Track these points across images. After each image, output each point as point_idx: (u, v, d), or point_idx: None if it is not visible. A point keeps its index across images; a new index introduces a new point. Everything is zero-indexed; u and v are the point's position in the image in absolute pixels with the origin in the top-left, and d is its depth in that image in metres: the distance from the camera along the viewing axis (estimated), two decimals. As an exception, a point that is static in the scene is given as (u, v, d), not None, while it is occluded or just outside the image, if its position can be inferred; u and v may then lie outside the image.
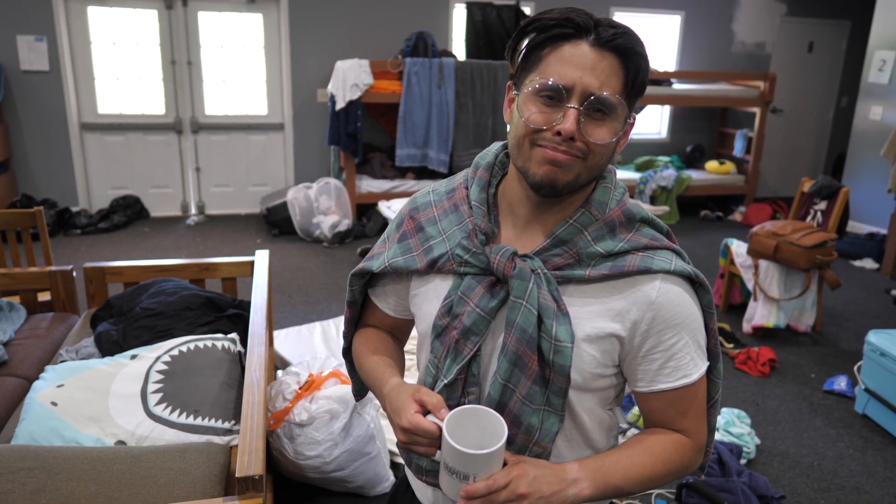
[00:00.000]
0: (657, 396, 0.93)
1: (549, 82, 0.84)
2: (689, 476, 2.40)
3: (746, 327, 3.85)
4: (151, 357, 2.01)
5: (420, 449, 0.88)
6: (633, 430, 2.74)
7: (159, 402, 1.85)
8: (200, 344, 2.09)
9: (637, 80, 0.87)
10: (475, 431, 0.85)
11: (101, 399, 1.83)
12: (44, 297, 2.82)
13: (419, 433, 0.85)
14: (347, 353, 1.16)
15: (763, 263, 3.81)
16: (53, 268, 2.73)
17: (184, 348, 2.06)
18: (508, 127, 0.93)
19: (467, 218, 0.95)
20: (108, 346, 2.23)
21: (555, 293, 0.88)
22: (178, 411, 1.83)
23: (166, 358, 2.00)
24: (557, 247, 0.90)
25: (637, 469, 0.90)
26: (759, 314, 3.78)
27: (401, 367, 1.06)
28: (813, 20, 7.35)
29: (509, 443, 0.90)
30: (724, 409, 2.85)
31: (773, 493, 2.36)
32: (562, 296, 0.89)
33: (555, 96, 0.84)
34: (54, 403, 1.80)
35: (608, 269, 0.88)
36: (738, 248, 4.05)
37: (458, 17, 6.38)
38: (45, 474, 1.48)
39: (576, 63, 0.83)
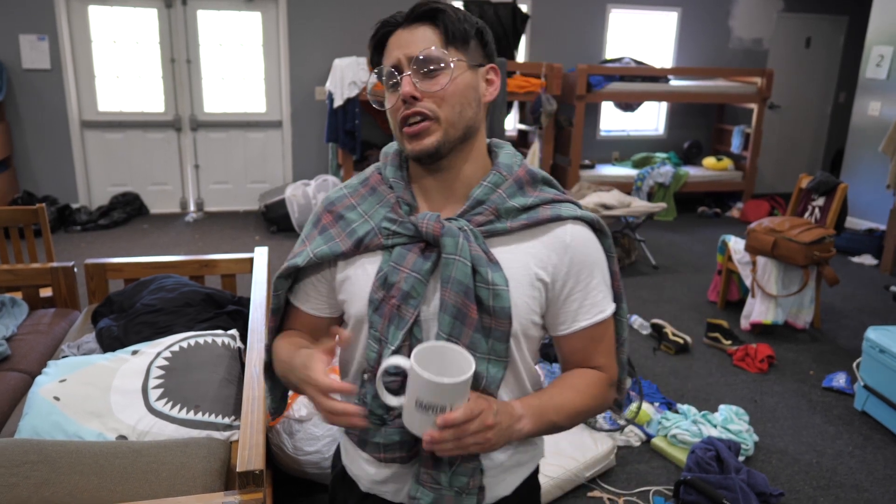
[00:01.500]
0: (577, 335, 1.02)
1: (384, 69, 0.96)
2: (686, 474, 2.42)
3: (744, 324, 3.85)
4: (152, 353, 2.03)
5: (346, 419, 0.88)
6: (632, 427, 2.77)
7: (160, 398, 1.87)
8: (200, 340, 2.11)
9: (451, 29, 0.95)
10: (440, 366, 0.88)
11: (102, 394, 1.85)
12: (45, 292, 2.85)
13: (323, 389, 0.88)
14: (269, 368, 1.13)
15: (761, 260, 3.81)
16: (55, 264, 2.75)
17: (184, 344, 2.08)
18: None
19: (387, 195, 1.02)
20: (110, 342, 2.25)
21: (483, 246, 0.95)
22: (178, 406, 1.85)
23: (167, 354, 2.02)
24: (477, 207, 0.98)
25: (568, 404, 1.00)
26: (757, 311, 3.78)
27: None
28: (810, 15, 7.35)
29: None
30: (721, 406, 2.85)
31: (772, 491, 2.36)
32: (489, 248, 0.96)
33: (395, 80, 0.95)
34: (57, 398, 1.82)
35: (525, 219, 0.98)
36: (736, 244, 4.05)
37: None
38: (49, 468, 1.50)
39: (396, 46, 0.96)
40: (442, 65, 0.94)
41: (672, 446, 2.67)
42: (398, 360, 0.89)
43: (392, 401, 0.91)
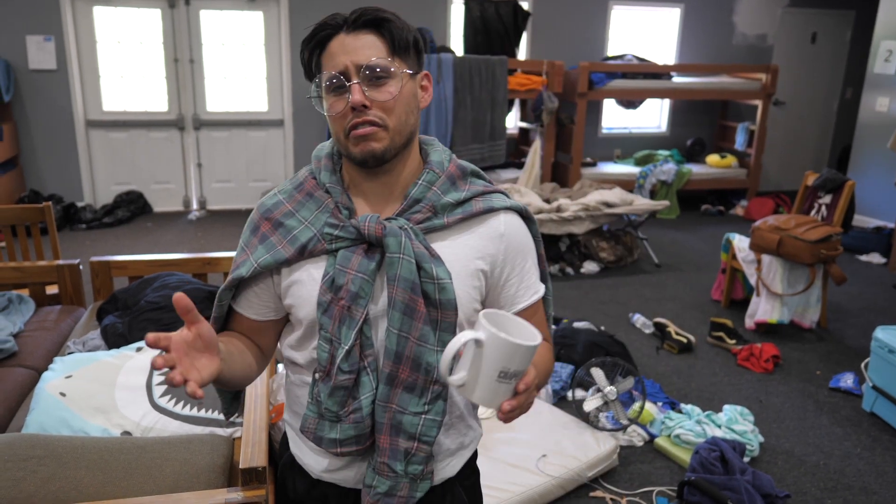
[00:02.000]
0: (519, 315, 1.03)
1: (329, 75, 0.97)
2: (690, 475, 2.42)
3: (749, 323, 3.83)
4: (156, 350, 2.04)
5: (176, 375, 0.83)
6: (635, 427, 2.77)
7: (164, 394, 1.88)
8: (204, 337, 2.12)
9: (397, 39, 0.99)
10: (509, 333, 0.85)
11: (107, 390, 1.87)
12: (52, 290, 2.87)
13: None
14: None
15: (766, 258, 3.78)
16: (61, 262, 2.77)
17: (188, 341, 2.09)
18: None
19: (325, 201, 1.04)
20: (114, 339, 2.26)
21: (424, 242, 0.99)
22: (182, 403, 1.87)
23: (171, 351, 2.04)
24: (414, 205, 1.02)
25: (546, 365, 1.08)
26: (762, 310, 3.75)
27: (243, 356, 1.06)
28: (816, 10, 7.31)
29: (411, 388, 0.99)
30: (726, 406, 2.84)
31: (778, 493, 2.34)
32: (430, 244, 1.01)
33: (339, 84, 0.97)
34: (63, 394, 1.84)
35: (460, 213, 1.03)
36: (741, 242, 4.02)
37: (457, 13, 6.38)
38: (55, 463, 1.52)
39: (341, 51, 0.97)
40: (389, 74, 0.97)
41: (675, 446, 2.66)
42: (472, 334, 0.84)
43: (456, 380, 0.86)
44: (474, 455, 1.20)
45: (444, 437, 1.09)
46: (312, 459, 1.11)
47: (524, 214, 1.10)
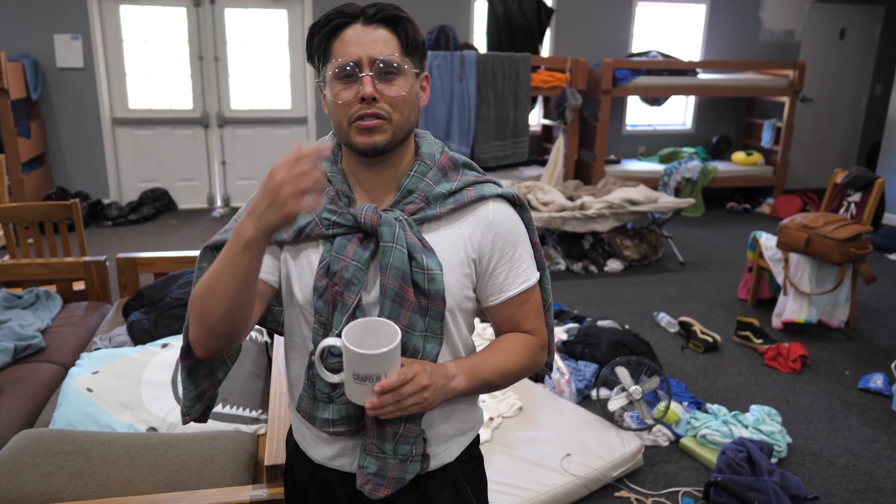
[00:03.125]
0: (506, 304, 1.10)
1: (343, 63, 0.99)
2: (716, 475, 2.39)
3: (776, 322, 3.78)
4: (181, 346, 2.06)
5: (306, 178, 0.86)
6: (660, 427, 2.73)
7: (190, 391, 1.90)
8: (229, 334, 2.13)
9: (410, 39, 1.02)
10: (371, 342, 0.95)
11: (133, 386, 1.88)
12: (78, 286, 2.90)
13: (304, 156, 0.86)
14: (188, 353, 1.05)
15: (794, 257, 3.73)
16: (88, 258, 2.81)
17: (213, 338, 2.10)
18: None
19: (326, 188, 1.05)
20: (140, 335, 2.29)
21: (417, 234, 1.02)
22: (207, 399, 1.88)
23: (196, 347, 2.05)
24: (407, 196, 1.05)
25: (500, 364, 1.09)
26: (790, 309, 3.70)
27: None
28: (844, 6, 7.18)
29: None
30: (753, 407, 2.80)
31: (806, 494, 2.30)
32: (422, 235, 1.03)
33: (350, 74, 0.99)
34: (90, 390, 1.86)
35: (452, 203, 1.05)
36: (767, 241, 3.97)
37: (480, 10, 6.36)
38: (83, 458, 1.53)
39: (357, 41, 0.99)
40: (400, 71, 1.00)
41: (702, 447, 2.62)
42: (331, 341, 0.97)
43: (333, 378, 1.00)
44: (476, 440, 1.21)
45: (442, 422, 1.11)
46: (313, 445, 1.14)
47: (515, 202, 1.11)
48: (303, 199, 0.87)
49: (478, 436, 1.23)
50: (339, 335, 0.98)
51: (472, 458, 1.20)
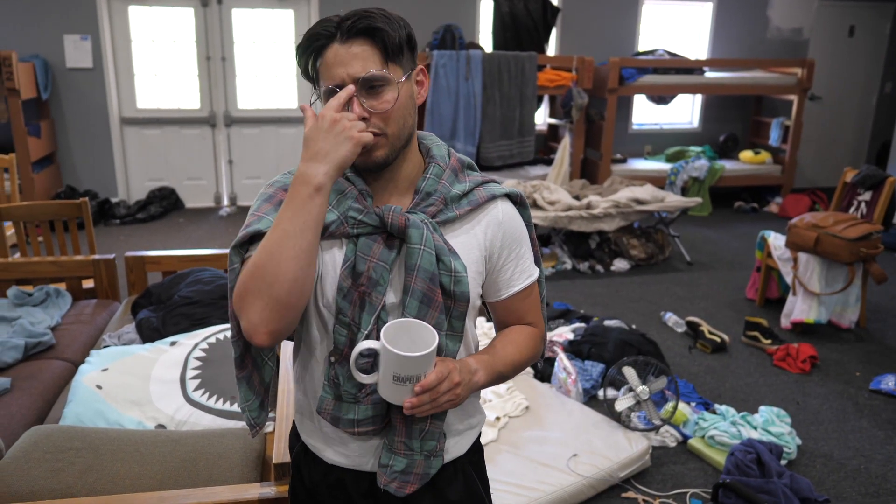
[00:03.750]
0: (512, 298, 1.14)
1: (327, 87, 0.99)
2: (725, 477, 2.38)
3: (785, 322, 3.76)
4: (190, 344, 2.07)
5: (357, 134, 0.93)
6: (668, 427, 2.72)
7: (197, 388, 1.90)
8: (237, 332, 2.14)
9: (390, 45, 0.99)
10: (406, 340, 0.97)
11: (142, 384, 1.90)
12: (88, 284, 2.93)
13: (344, 98, 0.94)
14: (243, 362, 1.07)
15: (803, 256, 3.71)
16: (97, 256, 2.83)
17: (220, 336, 2.11)
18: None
19: (347, 188, 1.04)
20: (149, 333, 2.30)
21: (442, 236, 1.04)
22: (214, 397, 1.88)
23: (204, 345, 2.06)
24: (427, 199, 1.05)
25: (511, 356, 1.13)
26: (799, 309, 3.67)
27: None
28: (854, 3, 7.12)
29: None
30: (762, 408, 2.78)
31: (817, 497, 2.28)
32: (445, 237, 1.05)
33: None
34: (99, 387, 1.87)
35: (468, 204, 1.08)
36: (776, 240, 3.95)
37: (486, 10, 6.35)
38: (92, 455, 1.54)
39: (337, 62, 0.98)
40: (385, 83, 0.99)
41: (710, 448, 2.61)
42: (369, 344, 0.98)
43: (367, 379, 1.00)
44: (479, 435, 1.26)
45: (453, 417, 1.14)
46: (328, 447, 1.13)
47: (517, 200, 1.14)
48: (362, 127, 0.95)
49: (481, 430, 1.26)
50: (369, 337, 1.01)
51: (476, 449, 1.23)
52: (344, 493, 1.15)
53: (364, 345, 0.98)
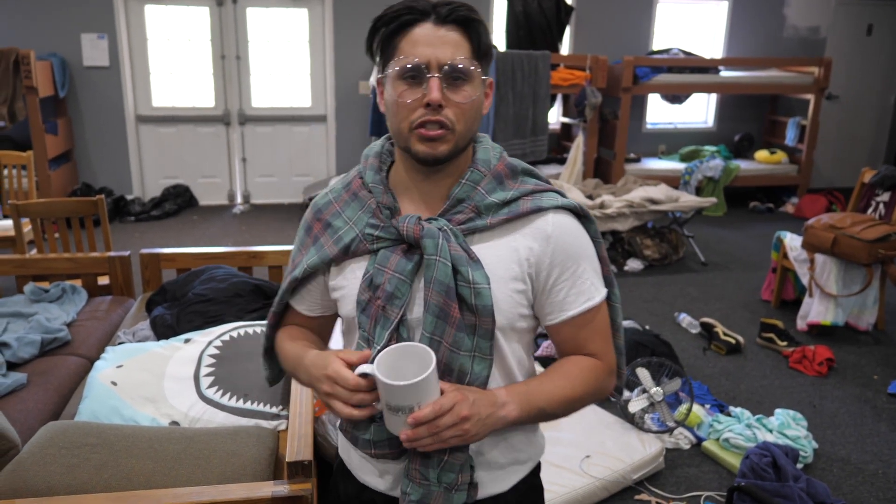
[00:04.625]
0: (567, 324, 1.01)
1: (409, 63, 0.93)
2: (740, 480, 2.35)
3: (801, 324, 3.72)
4: (204, 341, 2.07)
5: (338, 405, 0.93)
6: (682, 429, 2.70)
7: (211, 385, 1.91)
8: (250, 330, 2.15)
9: (481, 43, 0.96)
10: (408, 368, 0.89)
11: (157, 380, 1.91)
12: (103, 280, 2.95)
13: (340, 382, 0.91)
14: (269, 352, 1.20)
15: (819, 258, 3.67)
16: (112, 253, 2.85)
17: (234, 334, 2.12)
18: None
19: (368, 201, 1.02)
20: (163, 330, 2.31)
21: (463, 244, 0.96)
22: (228, 395, 1.89)
23: (218, 343, 2.07)
24: (457, 206, 0.99)
25: (559, 391, 0.99)
26: (815, 311, 3.63)
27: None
28: (872, 2, 7.04)
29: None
30: (778, 411, 2.75)
31: (834, 501, 2.24)
32: (470, 246, 0.97)
33: (416, 75, 0.93)
34: (114, 383, 1.88)
35: (506, 214, 0.98)
36: (792, 241, 3.91)
37: (499, 8, 6.34)
38: (107, 451, 1.55)
39: (426, 41, 0.93)
40: (470, 77, 0.95)
41: (724, 451, 2.59)
42: (365, 368, 0.91)
43: (377, 406, 0.94)
44: (535, 471, 1.12)
45: (492, 447, 1.04)
46: (358, 467, 1.10)
47: (580, 213, 1.02)
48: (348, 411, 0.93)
49: (538, 464, 1.14)
50: (373, 361, 0.94)
51: (529, 488, 1.10)
52: None
53: (360, 370, 0.91)
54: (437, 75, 0.92)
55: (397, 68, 0.94)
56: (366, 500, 1.11)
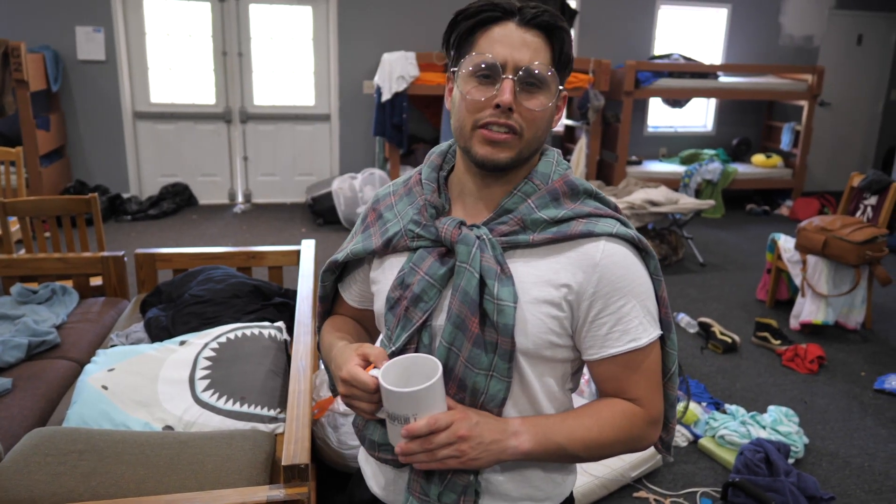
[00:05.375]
0: (607, 362, 0.93)
1: (484, 60, 0.89)
2: (734, 476, 2.35)
3: (794, 323, 3.78)
4: (199, 343, 2.04)
5: (360, 404, 0.91)
6: (679, 427, 2.71)
7: (206, 389, 1.88)
8: (247, 331, 2.12)
9: (563, 53, 0.93)
10: (418, 379, 0.86)
11: (150, 384, 1.87)
12: (95, 281, 2.88)
13: (357, 384, 0.89)
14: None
15: (811, 259, 3.74)
16: (105, 253, 2.78)
17: (231, 335, 2.09)
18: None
19: (419, 197, 1.00)
20: (158, 332, 2.27)
21: (499, 257, 0.91)
22: (224, 398, 1.86)
23: (214, 345, 2.04)
24: (503, 216, 0.94)
25: (582, 431, 0.92)
26: (807, 310, 3.70)
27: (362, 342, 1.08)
28: (862, 13, 7.18)
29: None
30: (771, 407, 2.79)
31: (823, 495, 2.31)
32: (508, 261, 0.92)
33: (490, 74, 0.89)
34: (105, 387, 1.84)
35: (552, 233, 0.91)
36: (786, 242, 3.98)
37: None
38: (96, 457, 1.51)
39: (506, 41, 0.89)
40: (545, 85, 0.90)
41: (720, 447, 2.61)
42: (374, 371, 0.88)
43: (378, 412, 0.93)
44: None
45: (505, 479, 0.97)
46: (370, 476, 1.08)
47: (639, 246, 0.94)
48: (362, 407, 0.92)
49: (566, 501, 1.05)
50: (394, 355, 0.93)
51: None
52: None
53: (373, 371, 0.89)
54: (511, 77, 0.88)
55: (471, 65, 0.90)
56: None
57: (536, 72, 0.89)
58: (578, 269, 0.91)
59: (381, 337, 1.05)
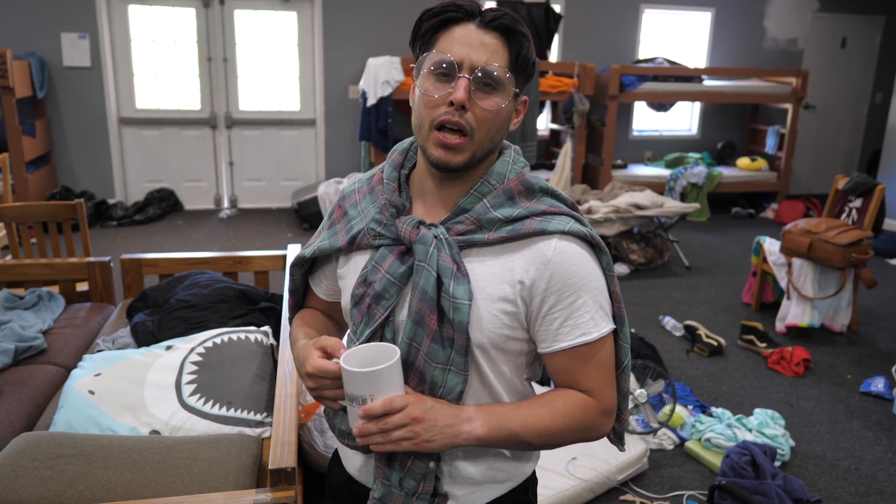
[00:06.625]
0: (559, 355, 0.96)
1: (442, 59, 0.92)
2: (721, 479, 2.37)
3: (780, 326, 3.79)
4: (186, 348, 2.04)
5: (329, 393, 0.94)
6: (665, 430, 2.72)
7: (193, 393, 1.88)
8: (234, 336, 2.12)
9: (520, 56, 0.94)
10: (373, 364, 0.90)
11: (136, 389, 1.87)
12: (82, 287, 2.88)
13: (322, 374, 0.91)
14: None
15: (797, 262, 3.75)
16: (92, 259, 2.79)
17: (217, 340, 2.09)
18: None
19: (381, 196, 1.03)
20: (144, 337, 2.27)
21: (455, 256, 0.93)
22: (211, 402, 1.86)
23: (200, 349, 2.04)
24: (460, 215, 0.97)
25: (535, 419, 0.95)
26: (793, 313, 3.71)
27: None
28: (846, 15, 7.24)
29: None
30: (757, 410, 2.80)
31: (809, 497, 2.31)
32: (465, 259, 0.95)
33: (447, 72, 0.92)
34: (91, 392, 1.84)
35: (507, 232, 0.94)
36: (771, 245, 3.99)
37: (489, 13, 6.36)
38: (83, 462, 1.52)
39: (464, 42, 0.92)
40: (500, 87, 0.93)
41: (706, 450, 2.62)
42: (335, 359, 0.92)
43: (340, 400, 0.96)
44: (521, 488, 1.08)
45: (468, 463, 1.01)
46: (346, 456, 1.12)
47: (591, 242, 0.96)
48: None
49: (528, 483, 1.09)
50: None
51: None
52: None
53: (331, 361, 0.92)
54: (467, 76, 0.91)
55: (430, 63, 0.93)
56: (353, 490, 1.12)
57: (495, 73, 0.92)
58: (532, 266, 0.94)
59: (348, 332, 1.08)
